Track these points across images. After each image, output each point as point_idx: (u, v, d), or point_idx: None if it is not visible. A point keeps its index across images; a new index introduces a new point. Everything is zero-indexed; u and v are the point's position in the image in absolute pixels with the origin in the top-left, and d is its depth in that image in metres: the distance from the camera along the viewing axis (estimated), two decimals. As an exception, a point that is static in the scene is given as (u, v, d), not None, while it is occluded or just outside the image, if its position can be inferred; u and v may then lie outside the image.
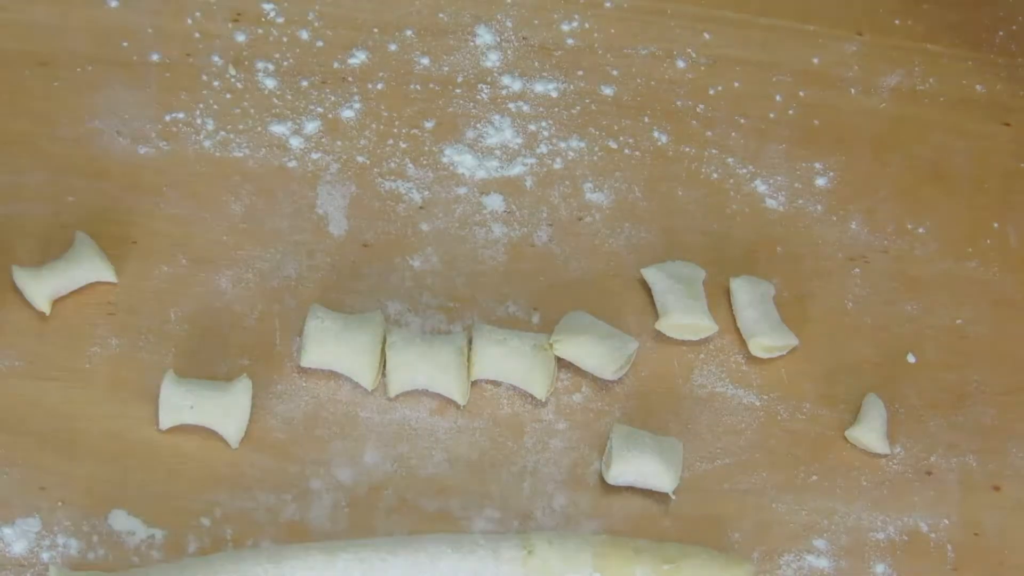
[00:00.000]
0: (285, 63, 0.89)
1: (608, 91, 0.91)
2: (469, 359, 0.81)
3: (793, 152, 0.91)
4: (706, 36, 0.94)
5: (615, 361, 0.82)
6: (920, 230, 0.89)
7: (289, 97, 0.88)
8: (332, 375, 0.81)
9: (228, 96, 0.88)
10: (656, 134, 0.90)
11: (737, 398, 0.83)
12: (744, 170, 0.90)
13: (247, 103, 0.88)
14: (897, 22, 0.96)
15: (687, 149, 0.90)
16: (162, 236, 0.84)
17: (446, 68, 0.91)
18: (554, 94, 0.91)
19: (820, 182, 0.90)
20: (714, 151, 0.90)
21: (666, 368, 0.84)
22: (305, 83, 0.89)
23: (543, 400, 0.82)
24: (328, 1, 0.92)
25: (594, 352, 0.82)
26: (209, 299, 0.82)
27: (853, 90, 0.93)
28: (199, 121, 0.87)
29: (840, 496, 0.81)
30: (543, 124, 0.90)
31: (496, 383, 0.82)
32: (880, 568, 0.80)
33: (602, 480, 0.80)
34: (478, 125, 0.89)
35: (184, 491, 0.78)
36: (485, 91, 0.90)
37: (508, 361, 0.81)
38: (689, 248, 0.87)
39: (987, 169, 0.92)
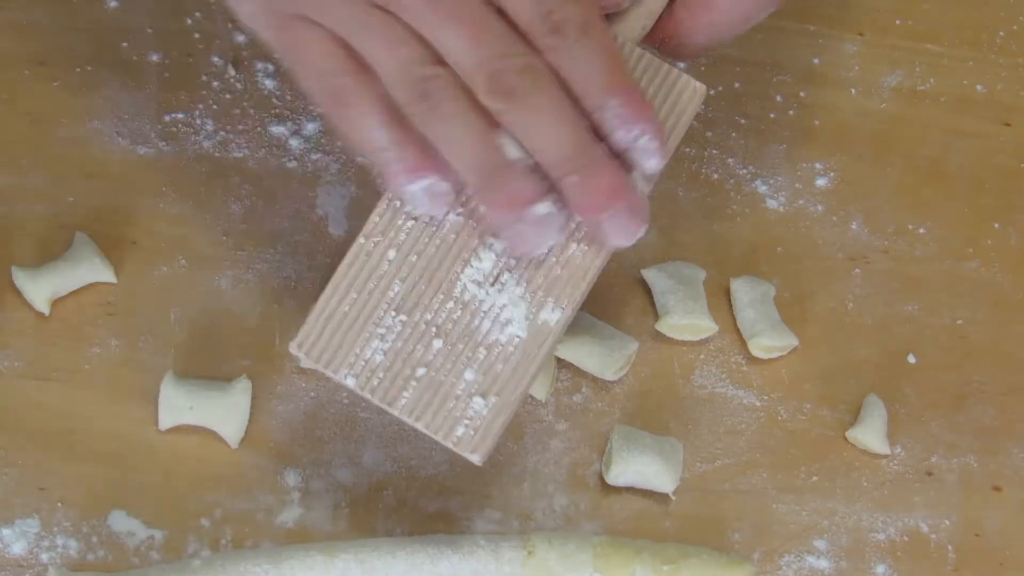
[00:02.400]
0: (285, 63, 0.89)
1: (608, 91, 0.91)
2: (469, 359, 0.81)
3: (793, 152, 0.91)
4: (706, 36, 0.94)
5: (615, 361, 0.82)
6: (920, 230, 0.89)
7: (289, 97, 0.88)
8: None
9: (228, 96, 0.88)
10: (656, 134, 0.90)
11: (737, 398, 0.83)
12: (744, 170, 0.90)
13: (247, 103, 0.88)
14: (898, 22, 0.96)
15: (687, 149, 0.90)
16: (162, 236, 0.84)
17: (446, 68, 0.90)
18: (554, 94, 0.90)
19: (820, 182, 0.90)
20: (714, 151, 0.90)
21: (666, 368, 0.84)
22: (305, 83, 0.89)
23: (543, 400, 0.82)
24: (328, 1, 0.91)
25: (594, 352, 0.82)
26: (209, 299, 0.82)
27: (854, 90, 0.93)
28: (199, 121, 0.87)
29: (840, 496, 0.81)
30: (543, 124, 0.90)
31: (496, 383, 0.82)
32: (881, 569, 0.80)
33: (602, 480, 0.80)
34: (478, 125, 0.89)
35: (184, 491, 0.78)
36: (485, 91, 0.90)
37: (508, 361, 0.81)
38: (689, 248, 0.87)
39: (988, 169, 0.92)
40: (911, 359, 0.86)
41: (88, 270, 0.81)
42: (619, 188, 0.68)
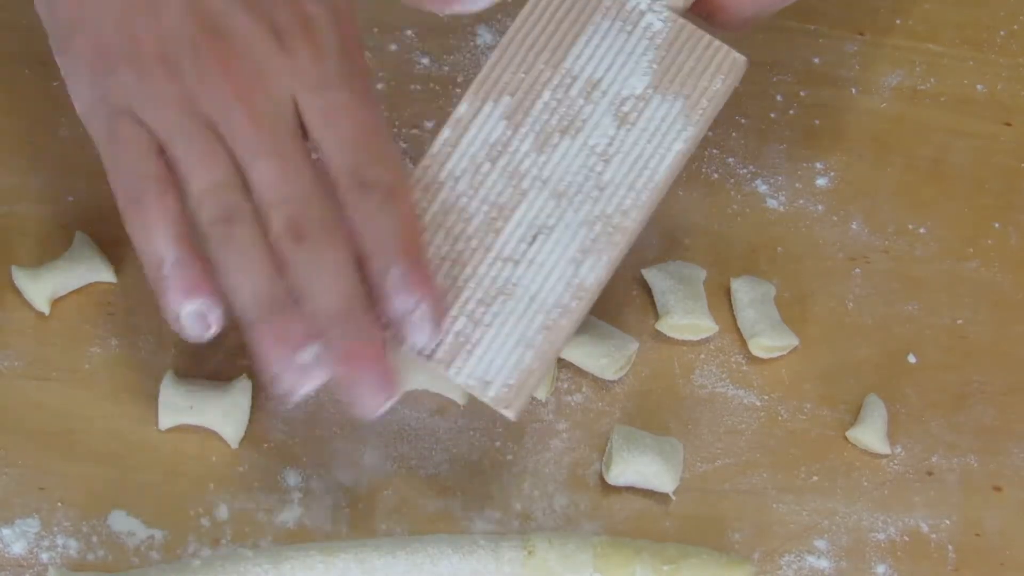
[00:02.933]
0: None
1: (608, 91, 0.91)
2: (469, 359, 0.81)
3: (794, 152, 0.91)
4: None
5: (615, 361, 0.82)
6: (921, 230, 0.89)
7: (289, 97, 0.88)
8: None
9: (228, 96, 0.88)
10: (656, 134, 0.90)
11: (737, 398, 0.83)
12: (744, 170, 0.90)
13: (247, 103, 0.88)
14: (898, 22, 0.96)
15: (687, 149, 0.90)
16: (162, 236, 0.84)
17: (446, 68, 0.91)
18: (554, 94, 0.90)
19: (821, 182, 0.90)
20: (714, 151, 0.90)
21: (666, 368, 0.84)
22: (305, 83, 0.89)
23: (543, 400, 0.82)
24: (328, 1, 0.91)
25: (594, 352, 0.82)
26: (209, 299, 0.82)
27: (854, 90, 0.93)
28: (199, 121, 0.87)
29: (841, 496, 0.81)
30: (543, 124, 0.90)
31: (496, 383, 0.82)
32: (881, 569, 0.80)
33: (602, 480, 0.80)
34: (478, 125, 0.89)
35: (184, 491, 0.78)
36: (485, 91, 0.90)
37: (508, 361, 0.81)
38: (689, 248, 0.87)
39: (988, 169, 0.92)
40: (911, 359, 0.86)
41: (88, 270, 0.81)
42: (373, 357, 0.69)
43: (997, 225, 0.90)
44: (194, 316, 0.69)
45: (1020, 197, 0.91)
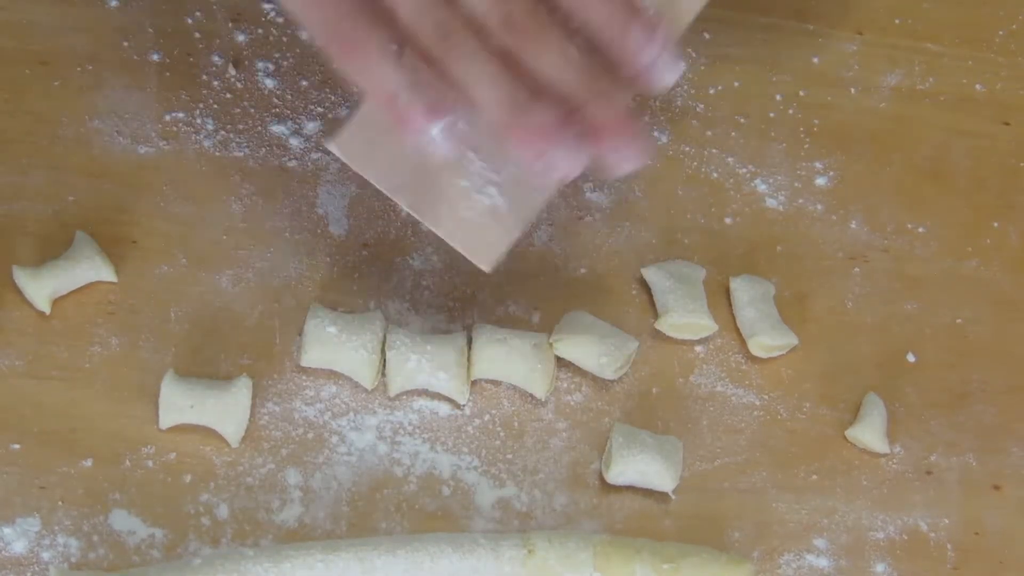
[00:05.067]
0: (285, 63, 0.89)
1: (608, 90, 0.91)
2: (469, 359, 0.81)
3: (793, 151, 0.91)
4: (706, 36, 0.94)
5: (615, 361, 0.82)
6: (920, 229, 0.90)
7: (289, 97, 0.88)
8: (332, 375, 0.81)
9: (228, 96, 0.88)
10: (656, 134, 0.90)
11: (737, 397, 0.83)
12: (744, 169, 0.90)
13: (247, 103, 0.88)
14: (897, 21, 0.96)
15: (687, 149, 0.90)
16: (162, 236, 0.84)
17: (446, 67, 0.90)
18: (554, 93, 0.91)
19: (820, 181, 0.90)
20: (714, 151, 0.90)
21: (666, 367, 0.84)
22: (305, 83, 0.89)
23: (543, 400, 0.82)
24: (328, 1, 0.91)
25: (594, 352, 0.82)
26: (209, 299, 0.82)
27: (853, 89, 0.94)
28: (199, 121, 0.87)
29: (840, 495, 0.81)
30: (543, 123, 0.90)
31: (496, 382, 0.82)
32: (880, 567, 0.80)
33: (602, 480, 0.80)
34: (478, 124, 0.89)
35: (184, 491, 0.78)
36: (485, 90, 0.90)
37: (508, 361, 0.81)
38: (689, 248, 0.87)
39: (987, 168, 0.92)
40: (911, 358, 0.86)
41: (89, 269, 0.81)
42: (630, 114, 0.70)
43: (996, 224, 0.90)
44: (443, 134, 0.70)
45: (1019, 197, 0.91)
